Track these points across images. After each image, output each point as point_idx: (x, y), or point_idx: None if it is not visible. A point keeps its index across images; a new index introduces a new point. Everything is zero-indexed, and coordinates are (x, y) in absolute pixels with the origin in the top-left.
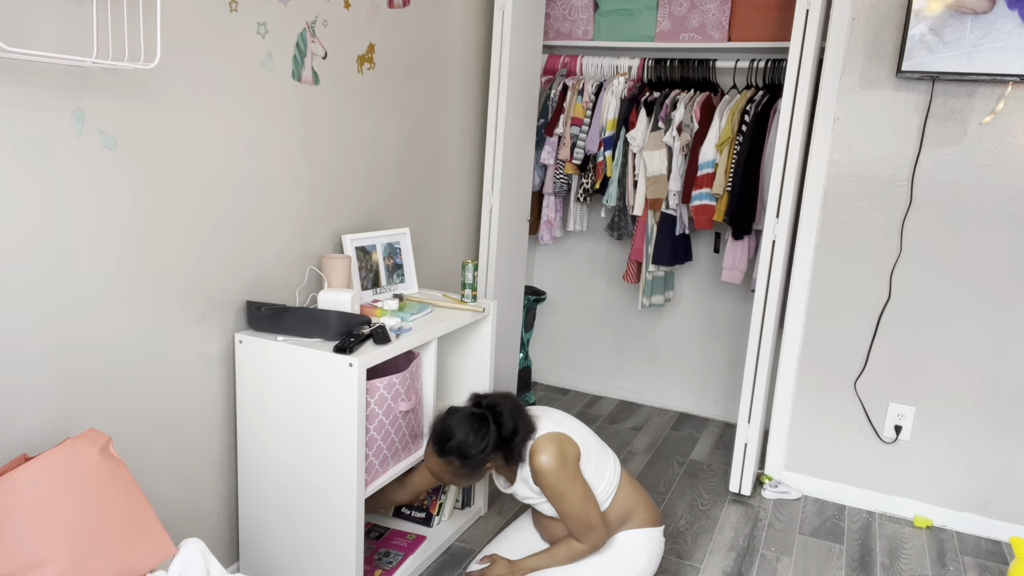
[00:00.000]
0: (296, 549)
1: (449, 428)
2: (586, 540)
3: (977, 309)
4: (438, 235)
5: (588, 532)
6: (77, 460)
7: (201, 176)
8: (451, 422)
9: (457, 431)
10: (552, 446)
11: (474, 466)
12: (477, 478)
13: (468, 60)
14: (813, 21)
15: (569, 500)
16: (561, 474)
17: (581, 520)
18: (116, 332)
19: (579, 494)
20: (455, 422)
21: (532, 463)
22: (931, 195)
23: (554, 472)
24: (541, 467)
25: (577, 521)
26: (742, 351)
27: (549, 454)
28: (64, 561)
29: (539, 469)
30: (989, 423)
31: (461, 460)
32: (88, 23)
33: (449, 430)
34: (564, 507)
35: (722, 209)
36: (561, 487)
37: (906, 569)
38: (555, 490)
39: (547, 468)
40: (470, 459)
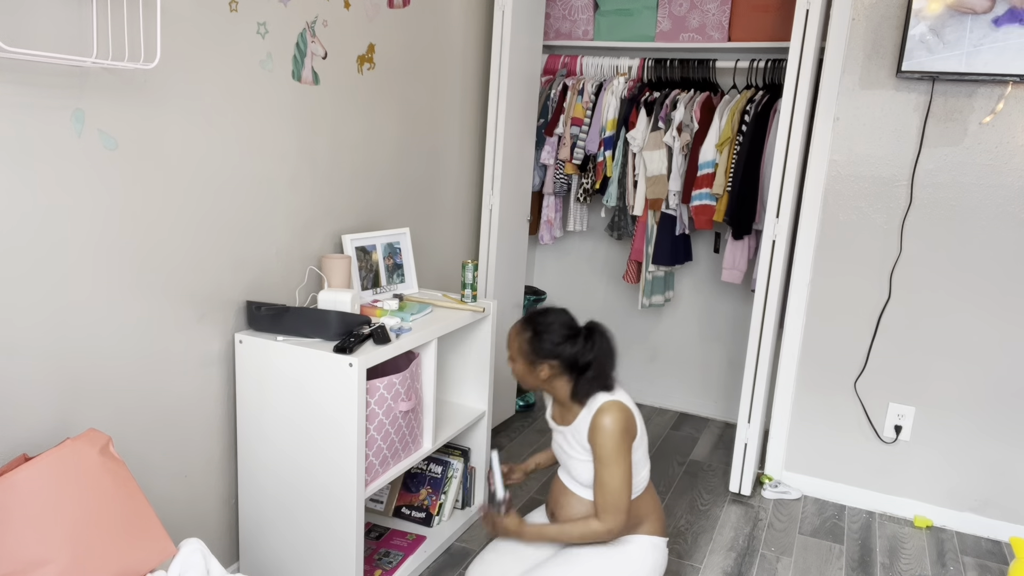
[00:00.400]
0: (296, 549)
1: (548, 310)
2: (607, 520)
3: (977, 309)
4: (438, 235)
5: (613, 512)
6: (77, 460)
7: (201, 176)
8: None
9: (552, 315)
10: (621, 413)
11: (539, 350)
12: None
13: (468, 60)
14: (813, 21)
15: (613, 470)
16: (619, 441)
17: (614, 495)
18: (116, 332)
19: (624, 469)
20: (558, 311)
21: (596, 418)
22: (931, 195)
23: (614, 435)
24: (603, 425)
25: (610, 496)
26: (742, 351)
27: (616, 418)
28: (64, 561)
29: (600, 426)
30: (989, 423)
31: (533, 334)
32: (88, 23)
33: (547, 310)
34: (605, 475)
35: (722, 209)
36: (613, 453)
37: (906, 569)
38: (607, 453)
39: (609, 428)
40: (541, 341)
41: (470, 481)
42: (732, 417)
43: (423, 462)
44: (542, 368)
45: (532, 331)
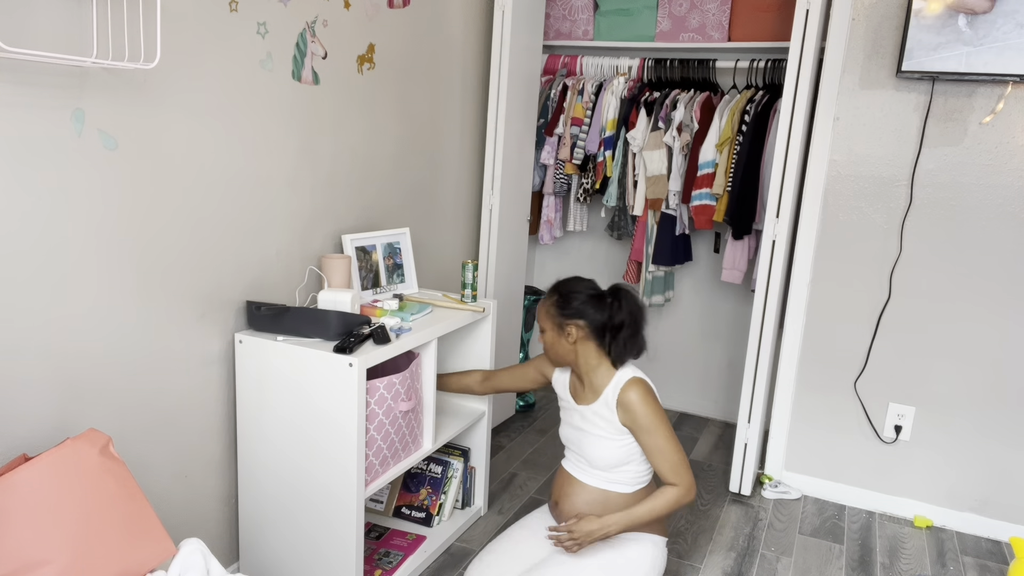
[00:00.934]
0: (296, 549)
1: (572, 277)
2: (683, 480)
3: (977, 309)
4: (438, 235)
5: (683, 471)
6: (77, 460)
7: (201, 176)
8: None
9: (575, 280)
10: (645, 385)
11: (565, 311)
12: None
13: (468, 60)
14: (813, 21)
15: (661, 433)
16: (655, 407)
17: (674, 456)
18: (116, 332)
19: (669, 430)
20: (581, 278)
21: (623, 396)
22: (931, 195)
23: (648, 403)
24: (633, 399)
25: (669, 454)
26: (742, 351)
27: (642, 389)
28: (64, 561)
29: (631, 401)
30: (989, 423)
31: (560, 296)
32: (88, 23)
33: (571, 277)
34: (657, 441)
35: (722, 209)
36: (654, 419)
37: (906, 569)
38: (648, 421)
39: (640, 399)
40: (568, 301)
41: (470, 481)
42: (732, 417)
43: (423, 462)
44: (570, 330)
45: (558, 294)
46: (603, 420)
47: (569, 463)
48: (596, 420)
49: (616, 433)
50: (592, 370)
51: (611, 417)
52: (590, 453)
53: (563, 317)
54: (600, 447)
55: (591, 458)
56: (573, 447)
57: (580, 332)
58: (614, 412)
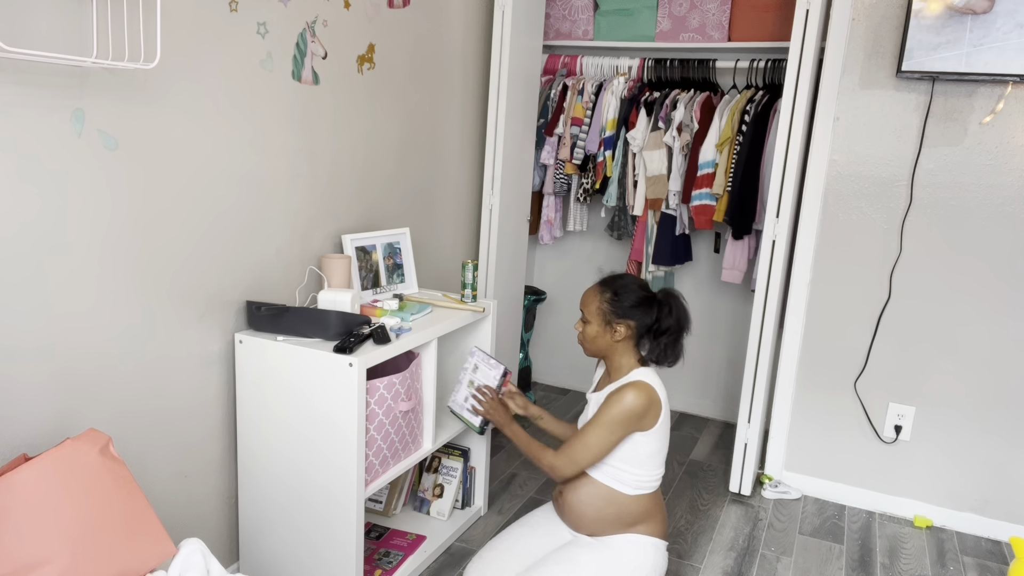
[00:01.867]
0: (296, 549)
1: (625, 274)
2: (560, 460)
3: (977, 309)
4: (438, 235)
5: (570, 462)
6: (77, 460)
7: (201, 176)
8: (631, 275)
9: (630, 278)
10: (645, 396)
11: (618, 311)
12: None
13: (468, 60)
14: (813, 21)
15: (600, 433)
16: (625, 417)
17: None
18: (116, 332)
19: (608, 441)
20: (634, 277)
21: (622, 387)
22: (931, 195)
23: (624, 408)
24: (622, 396)
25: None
26: (742, 351)
27: (637, 395)
28: (64, 561)
29: (620, 395)
30: (989, 423)
31: (614, 295)
32: (88, 23)
33: (624, 274)
34: (589, 431)
35: (722, 209)
36: (611, 420)
37: (906, 569)
38: (607, 419)
39: (623, 400)
40: (621, 301)
41: (470, 481)
42: (732, 417)
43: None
44: (618, 328)
45: (612, 292)
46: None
47: None
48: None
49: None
50: (620, 366)
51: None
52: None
53: (614, 315)
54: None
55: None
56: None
57: (628, 332)
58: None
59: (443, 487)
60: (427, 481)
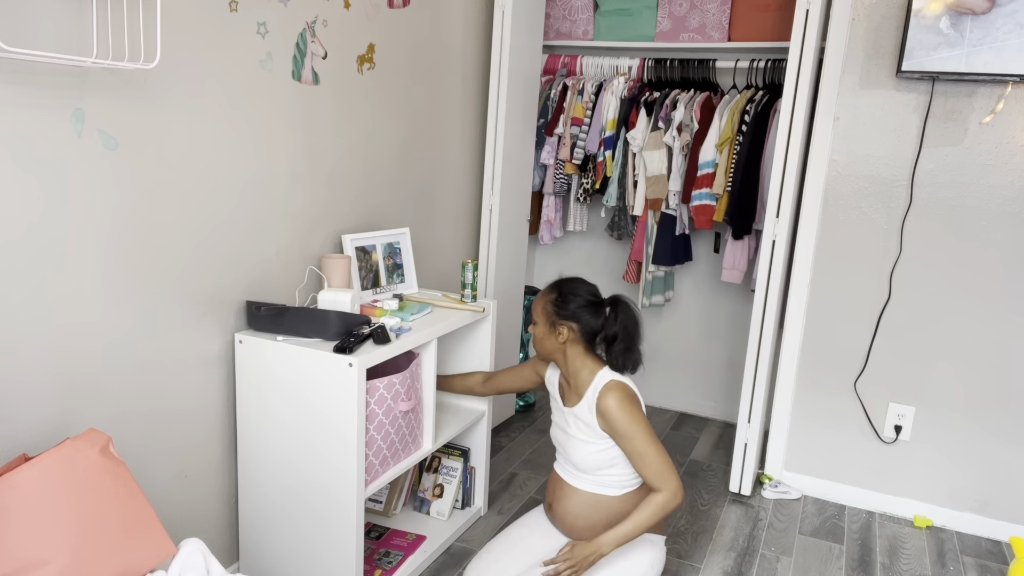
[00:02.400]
0: (296, 549)
1: (575, 278)
2: (666, 484)
3: (977, 309)
4: (438, 235)
5: (667, 474)
6: (77, 460)
7: (201, 176)
8: (581, 279)
9: (578, 282)
10: (622, 388)
11: (561, 311)
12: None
13: (468, 60)
14: (813, 21)
15: (639, 438)
16: (632, 412)
17: (657, 461)
18: (116, 332)
19: (646, 431)
20: (584, 281)
21: (600, 402)
22: (931, 195)
23: (623, 409)
24: (610, 405)
25: (653, 462)
26: (742, 351)
27: (619, 394)
28: (64, 561)
29: (608, 407)
30: (989, 423)
31: (558, 295)
32: (88, 23)
33: (574, 278)
34: (636, 446)
35: (722, 209)
36: (630, 424)
37: (906, 569)
38: (624, 427)
39: (616, 405)
40: (565, 302)
41: (470, 481)
42: (732, 417)
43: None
44: (561, 330)
45: (557, 292)
46: (584, 424)
47: (559, 466)
48: (579, 424)
49: (596, 437)
50: (576, 372)
51: (591, 422)
52: (573, 456)
53: (557, 316)
54: (582, 451)
55: (574, 461)
56: (560, 448)
57: (571, 334)
58: (594, 417)
59: (443, 487)
60: (427, 481)
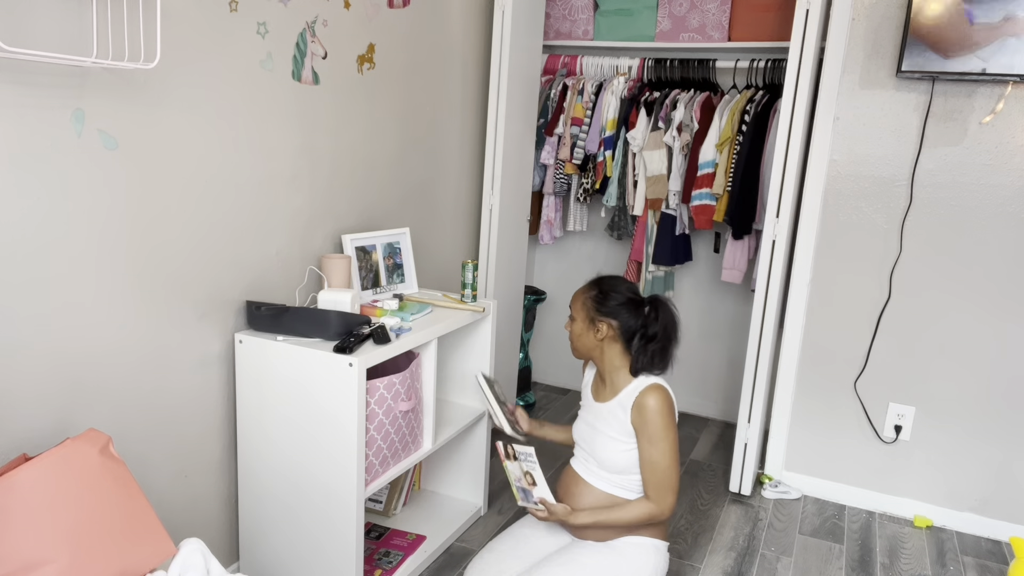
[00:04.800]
0: (296, 549)
1: (616, 276)
2: (661, 500)
3: (977, 309)
4: (438, 235)
5: (666, 491)
6: (77, 460)
7: (201, 176)
8: (622, 278)
9: (619, 280)
10: (665, 394)
11: (601, 308)
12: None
13: (468, 60)
14: (813, 21)
15: (662, 447)
16: (667, 420)
17: (665, 474)
18: (116, 332)
19: (672, 446)
20: (625, 280)
21: (641, 398)
22: (931, 195)
23: (661, 414)
24: (649, 405)
25: (661, 474)
26: (742, 351)
27: (661, 397)
28: (64, 561)
29: (646, 405)
30: (989, 423)
31: (599, 292)
32: (88, 23)
33: (615, 276)
34: (655, 454)
35: (722, 209)
36: (661, 431)
37: (906, 569)
38: (655, 430)
39: (655, 407)
40: (607, 299)
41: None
42: (732, 417)
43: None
44: (601, 326)
45: (599, 289)
46: (616, 420)
47: (578, 462)
48: (610, 419)
49: (626, 436)
50: (615, 370)
51: (624, 418)
52: (599, 453)
53: (597, 312)
54: (609, 448)
55: (600, 458)
56: (584, 445)
57: (610, 331)
58: (628, 412)
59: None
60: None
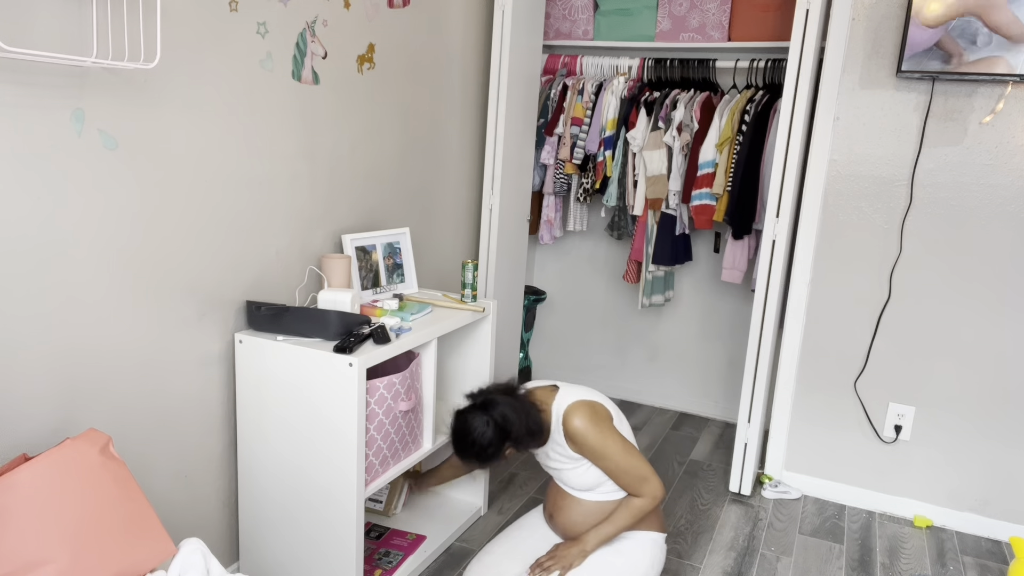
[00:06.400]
0: (296, 549)
1: (460, 435)
2: (644, 491)
3: (977, 309)
4: (438, 235)
5: (643, 483)
6: (77, 460)
7: (201, 176)
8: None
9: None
10: (584, 409)
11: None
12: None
13: (468, 60)
14: (813, 21)
15: (612, 457)
16: (596, 433)
17: (631, 473)
18: (116, 332)
19: (619, 448)
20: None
21: (567, 430)
22: (931, 195)
23: (590, 432)
24: (576, 431)
25: (627, 475)
26: (742, 351)
27: (582, 416)
28: (64, 561)
29: (574, 433)
30: (989, 423)
31: (480, 461)
32: (88, 23)
33: (461, 437)
34: (609, 465)
35: (722, 209)
36: (599, 446)
37: (906, 569)
38: (595, 450)
39: (582, 430)
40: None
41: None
42: (732, 417)
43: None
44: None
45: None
46: (559, 454)
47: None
48: (555, 456)
49: (576, 461)
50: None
51: (563, 450)
52: (568, 481)
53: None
54: (572, 475)
55: (571, 485)
56: (554, 475)
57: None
58: (564, 445)
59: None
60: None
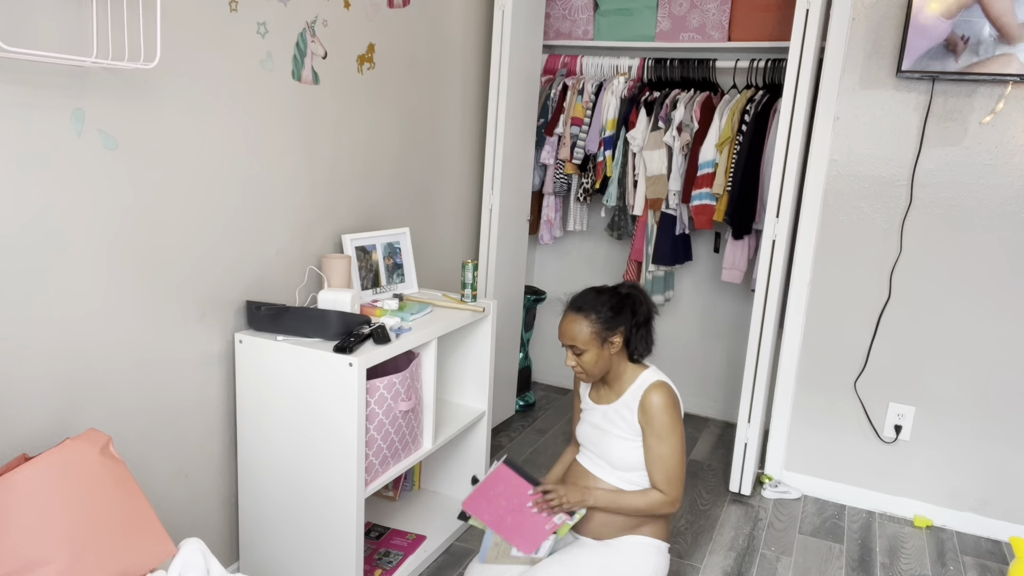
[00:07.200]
0: (296, 549)
1: (583, 293)
2: (669, 491)
3: (977, 308)
4: (438, 235)
5: (673, 483)
6: (77, 460)
7: (201, 176)
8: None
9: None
10: (668, 390)
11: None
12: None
13: (468, 60)
14: (813, 21)
15: (670, 442)
16: (670, 416)
17: (671, 469)
18: (116, 332)
19: (678, 441)
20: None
21: (647, 397)
22: (931, 195)
23: (668, 410)
24: (655, 402)
25: (666, 469)
26: (742, 351)
27: (666, 393)
28: (64, 561)
29: (653, 403)
30: (989, 423)
31: (595, 315)
32: (88, 23)
33: (582, 294)
34: (663, 449)
35: (722, 209)
36: (668, 426)
37: (906, 569)
38: (663, 426)
39: (661, 404)
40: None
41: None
42: (732, 417)
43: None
44: (614, 340)
45: (594, 312)
46: (623, 420)
47: (585, 459)
48: (616, 420)
49: (634, 435)
50: (620, 374)
51: (630, 417)
52: (609, 453)
53: (608, 331)
54: (619, 448)
55: (610, 458)
56: (592, 447)
57: (620, 339)
58: (634, 412)
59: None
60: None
